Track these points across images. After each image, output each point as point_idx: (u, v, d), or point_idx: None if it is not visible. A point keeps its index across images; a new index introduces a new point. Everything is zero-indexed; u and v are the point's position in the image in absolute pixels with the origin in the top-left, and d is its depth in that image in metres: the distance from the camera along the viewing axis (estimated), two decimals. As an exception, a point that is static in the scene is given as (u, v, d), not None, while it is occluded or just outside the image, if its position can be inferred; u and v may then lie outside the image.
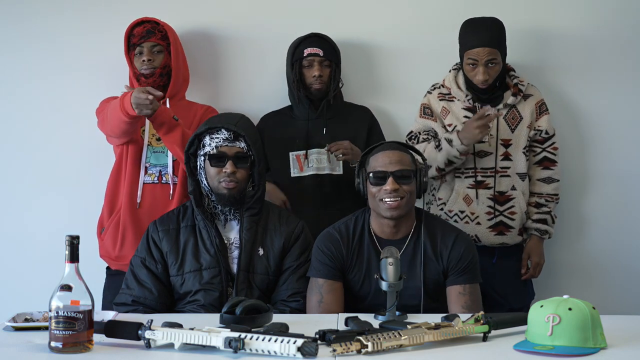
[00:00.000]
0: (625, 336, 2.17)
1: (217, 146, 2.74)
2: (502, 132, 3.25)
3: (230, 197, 2.76)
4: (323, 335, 2.09)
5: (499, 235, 3.25)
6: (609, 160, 3.57)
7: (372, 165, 2.72)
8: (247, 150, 2.76)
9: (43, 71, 3.56)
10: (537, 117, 3.29)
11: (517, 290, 3.31)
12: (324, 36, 3.34)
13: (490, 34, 3.16)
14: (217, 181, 2.76)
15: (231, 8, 3.58)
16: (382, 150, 2.73)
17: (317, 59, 3.28)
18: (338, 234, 2.78)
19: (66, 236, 2.03)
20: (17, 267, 3.59)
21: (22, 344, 2.12)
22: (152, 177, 3.19)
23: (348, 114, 3.37)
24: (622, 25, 3.55)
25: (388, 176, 2.66)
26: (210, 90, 3.54)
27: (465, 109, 3.27)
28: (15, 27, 3.57)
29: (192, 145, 2.81)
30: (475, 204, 3.24)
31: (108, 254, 3.22)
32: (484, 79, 3.17)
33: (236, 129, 2.74)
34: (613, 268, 3.59)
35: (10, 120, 3.59)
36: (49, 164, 3.57)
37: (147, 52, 3.19)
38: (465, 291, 2.71)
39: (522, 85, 3.28)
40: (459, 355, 2.04)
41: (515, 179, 3.26)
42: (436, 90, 3.34)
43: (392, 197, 2.66)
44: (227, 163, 2.74)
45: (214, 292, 2.74)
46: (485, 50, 3.14)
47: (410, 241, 2.75)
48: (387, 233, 2.75)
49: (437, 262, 2.73)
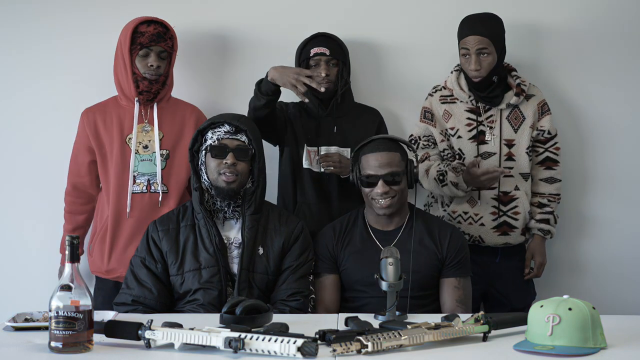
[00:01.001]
0: (625, 336, 2.18)
1: (218, 138, 2.78)
2: (505, 132, 3.24)
3: (230, 190, 2.76)
4: (323, 335, 2.09)
5: (502, 235, 3.24)
6: (610, 159, 3.56)
7: (364, 166, 2.83)
8: (249, 144, 2.79)
9: (42, 72, 3.56)
10: (539, 117, 3.28)
11: (519, 290, 3.30)
12: (331, 35, 3.32)
13: (482, 24, 3.16)
14: (217, 173, 2.76)
15: (238, 8, 3.56)
16: (372, 151, 2.82)
17: (324, 58, 3.27)
18: (332, 229, 2.94)
19: (66, 236, 2.03)
20: (17, 267, 3.58)
21: (22, 344, 2.12)
22: (141, 186, 3.13)
23: (358, 114, 3.36)
24: (619, 20, 3.53)
25: (378, 180, 2.78)
26: (216, 90, 3.52)
27: (468, 111, 3.25)
28: (15, 28, 3.56)
29: (195, 142, 2.83)
30: (479, 204, 3.24)
31: (98, 269, 3.17)
32: (475, 68, 3.15)
33: (238, 123, 2.79)
34: (613, 268, 3.58)
35: (10, 120, 3.59)
36: (49, 164, 3.56)
37: (155, 57, 3.11)
38: (460, 285, 2.83)
39: (525, 85, 3.26)
40: (459, 355, 2.04)
41: (519, 179, 3.25)
42: (438, 92, 3.33)
43: (382, 198, 2.80)
44: (227, 155, 2.76)
45: (213, 291, 2.74)
46: (476, 39, 3.13)
47: (403, 232, 2.86)
48: (381, 224, 2.90)
49: (436, 250, 2.84)
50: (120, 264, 3.08)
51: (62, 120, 3.55)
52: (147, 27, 3.11)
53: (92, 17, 3.54)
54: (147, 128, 3.17)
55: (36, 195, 3.57)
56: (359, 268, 2.81)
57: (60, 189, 3.40)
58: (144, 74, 3.12)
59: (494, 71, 3.18)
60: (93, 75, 3.47)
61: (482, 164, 3.17)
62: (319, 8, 3.55)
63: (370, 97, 3.50)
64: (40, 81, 3.57)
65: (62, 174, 3.51)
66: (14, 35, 3.56)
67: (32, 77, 3.58)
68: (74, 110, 3.48)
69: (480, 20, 3.18)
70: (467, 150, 3.24)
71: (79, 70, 3.54)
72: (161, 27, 3.13)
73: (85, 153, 3.20)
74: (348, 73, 3.35)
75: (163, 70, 3.14)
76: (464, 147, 3.25)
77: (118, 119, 3.17)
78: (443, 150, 3.29)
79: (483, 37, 3.13)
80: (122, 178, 3.13)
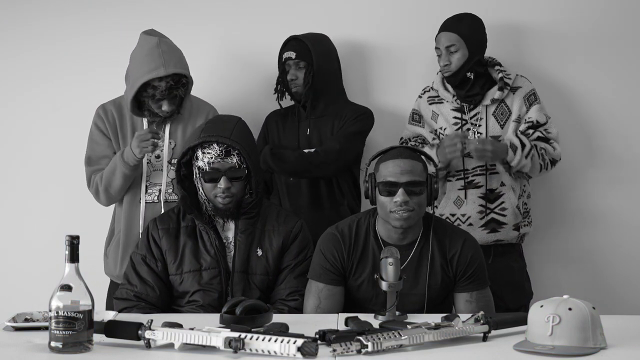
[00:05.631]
0: (625, 336, 2.17)
1: (209, 162, 2.70)
2: (491, 128, 3.25)
3: (227, 210, 2.75)
4: (323, 335, 2.09)
5: (492, 232, 3.24)
6: (611, 158, 3.57)
7: (382, 173, 2.63)
8: (241, 163, 2.72)
9: (42, 73, 3.57)
10: (527, 109, 3.27)
11: (513, 291, 3.27)
12: (301, 38, 3.31)
13: (452, 22, 3.23)
14: (213, 195, 2.74)
15: (230, 10, 3.57)
16: (393, 158, 2.63)
17: (292, 61, 3.29)
18: (340, 236, 2.72)
19: (66, 236, 2.03)
20: (17, 267, 3.59)
21: (22, 344, 2.12)
22: (153, 196, 3.13)
23: (346, 113, 3.34)
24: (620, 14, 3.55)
25: (399, 187, 2.59)
26: (214, 92, 3.53)
27: (454, 110, 3.28)
28: (15, 29, 3.57)
29: (185, 155, 2.76)
30: (466, 205, 3.23)
31: (112, 272, 3.19)
32: (443, 64, 3.22)
33: (230, 142, 2.68)
34: (613, 268, 3.58)
35: (11, 120, 3.60)
36: (49, 163, 3.57)
37: (168, 105, 3.04)
38: (472, 298, 2.69)
39: (509, 78, 3.27)
40: (459, 355, 2.04)
41: (504, 175, 3.25)
42: (426, 94, 3.37)
43: (402, 209, 2.59)
44: (220, 179, 2.71)
45: (212, 292, 2.74)
46: (445, 36, 3.21)
47: (417, 247, 2.70)
48: (394, 238, 2.69)
49: (447, 268, 2.70)
50: None
51: (62, 121, 3.56)
52: (158, 82, 3.01)
53: (91, 19, 3.56)
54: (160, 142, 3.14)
55: (37, 194, 3.58)
56: (373, 288, 2.67)
57: (60, 189, 3.40)
58: (157, 112, 3.08)
59: (466, 67, 3.21)
60: (105, 76, 3.49)
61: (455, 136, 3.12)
62: (319, 8, 3.56)
63: (362, 96, 3.51)
64: (40, 81, 3.58)
65: (62, 173, 3.52)
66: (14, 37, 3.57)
67: (32, 77, 3.59)
68: (73, 111, 3.51)
69: (452, 19, 3.25)
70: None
71: (88, 70, 3.55)
72: (173, 78, 3.02)
73: (106, 145, 3.17)
74: (320, 74, 3.28)
75: (175, 107, 3.08)
76: None
77: (131, 120, 3.16)
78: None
79: (452, 33, 3.20)
80: (134, 187, 3.13)
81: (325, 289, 2.69)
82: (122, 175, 3.06)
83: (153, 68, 3.00)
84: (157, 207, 3.11)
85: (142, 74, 3.01)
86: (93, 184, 3.16)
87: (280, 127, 3.38)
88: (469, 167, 3.25)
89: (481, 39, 3.27)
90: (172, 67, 3.01)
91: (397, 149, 2.69)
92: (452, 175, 3.27)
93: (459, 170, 3.25)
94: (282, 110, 3.42)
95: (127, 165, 3.04)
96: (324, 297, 2.69)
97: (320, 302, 2.68)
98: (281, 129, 3.38)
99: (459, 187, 3.25)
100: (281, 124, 3.39)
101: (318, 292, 2.69)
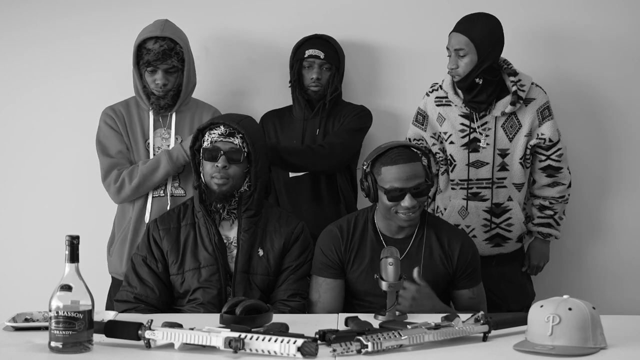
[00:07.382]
0: (625, 336, 2.17)
1: (212, 141, 2.75)
2: (499, 141, 3.13)
3: (220, 193, 2.75)
4: (323, 335, 2.09)
5: (496, 247, 3.19)
6: (616, 162, 3.56)
7: (387, 178, 2.63)
8: (243, 147, 2.75)
9: (42, 73, 3.57)
10: (539, 123, 3.14)
11: (516, 293, 3.25)
12: (328, 38, 3.32)
13: (466, 23, 3.04)
14: (209, 176, 2.75)
15: (235, 8, 3.57)
16: (396, 162, 2.63)
17: (318, 61, 3.27)
18: (339, 231, 2.78)
19: (66, 236, 2.03)
20: (17, 267, 3.59)
21: (22, 344, 2.12)
22: (159, 190, 3.15)
23: (345, 113, 3.34)
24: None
25: (406, 193, 2.62)
26: (217, 91, 3.54)
27: (462, 116, 3.15)
28: (15, 30, 3.57)
29: (197, 141, 2.81)
30: (470, 216, 3.16)
31: (116, 270, 3.19)
32: (451, 67, 3.06)
33: (237, 126, 2.73)
34: (613, 268, 3.58)
35: (11, 121, 3.59)
36: (49, 164, 3.57)
37: (162, 76, 3.08)
38: (474, 294, 2.75)
39: (523, 90, 3.10)
40: (459, 355, 2.04)
41: (512, 189, 3.17)
42: (434, 92, 3.23)
43: (411, 212, 2.64)
44: (219, 158, 2.73)
45: (212, 290, 2.74)
46: (455, 37, 3.03)
47: (414, 240, 2.76)
48: (392, 231, 2.76)
49: (446, 262, 2.74)
50: None
51: (63, 121, 3.56)
52: (153, 44, 3.06)
53: (90, 19, 3.56)
54: (166, 135, 3.17)
55: (37, 194, 3.58)
56: (371, 278, 2.67)
57: (60, 189, 3.40)
58: (152, 89, 3.11)
59: (474, 73, 3.04)
60: (111, 75, 3.48)
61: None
62: (320, 9, 3.56)
63: (364, 97, 3.50)
64: (40, 81, 3.58)
65: (62, 173, 3.52)
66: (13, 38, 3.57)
67: (32, 78, 3.58)
68: (74, 112, 3.50)
69: (466, 19, 3.07)
70: (459, 157, 3.16)
71: (89, 72, 3.54)
72: (168, 43, 3.07)
73: (119, 140, 3.16)
74: (340, 79, 3.33)
75: (172, 85, 3.10)
76: (455, 154, 3.17)
77: (140, 121, 3.18)
78: (435, 154, 3.23)
79: (462, 36, 3.02)
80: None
81: (325, 283, 2.74)
82: (166, 172, 3.09)
83: (150, 31, 3.09)
84: (163, 201, 3.14)
85: (140, 37, 3.09)
86: (117, 178, 3.11)
87: (278, 126, 3.38)
88: (473, 178, 3.16)
89: (495, 43, 3.06)
90: (168, 32, 3.08)
91: (396, 150, 2.67)
92: (456, 184, 3.18)
93: (463, 179, 3.17)
94: (276, 110, 3.42)
95: (174, 165, 3.08)
96: (324, 290, 2.74)
97: (320, 295, 2.73)
98: (279, 128, 3.37)
99: (463, 197, 3.17)
100: (278, 123, 3.39)
101: (318, 286, 2.74)
